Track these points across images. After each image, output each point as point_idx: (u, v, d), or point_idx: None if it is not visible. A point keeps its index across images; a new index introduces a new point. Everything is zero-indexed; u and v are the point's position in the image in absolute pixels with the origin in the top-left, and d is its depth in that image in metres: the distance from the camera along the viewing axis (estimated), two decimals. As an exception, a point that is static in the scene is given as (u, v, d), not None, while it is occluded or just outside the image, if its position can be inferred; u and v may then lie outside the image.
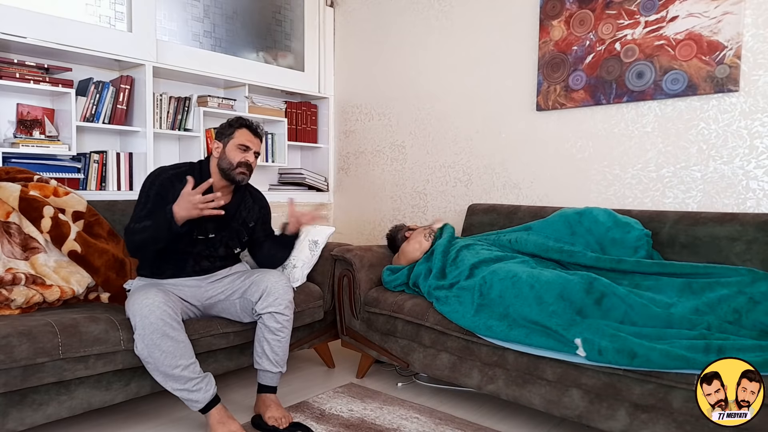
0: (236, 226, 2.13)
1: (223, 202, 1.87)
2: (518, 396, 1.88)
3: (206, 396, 1.77)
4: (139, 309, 1.72)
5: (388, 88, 3.38)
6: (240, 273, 2.13)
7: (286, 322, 1.97)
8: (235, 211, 2.13)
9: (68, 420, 1.93)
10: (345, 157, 3.68)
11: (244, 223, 2.16)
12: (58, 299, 1.93)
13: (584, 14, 2.50)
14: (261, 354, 1.96)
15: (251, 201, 2.22)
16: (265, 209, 2.28)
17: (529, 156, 2.75)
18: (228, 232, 2.11)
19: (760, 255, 1.87)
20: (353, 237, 3.59)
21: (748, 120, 2.12)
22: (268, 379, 1.99)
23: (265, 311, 1.94)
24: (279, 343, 1.96)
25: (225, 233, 2.10)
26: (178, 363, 1.71)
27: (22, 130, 2.43)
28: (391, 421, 1.98)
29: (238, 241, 2.15)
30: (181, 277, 2.03)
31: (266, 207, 2.29)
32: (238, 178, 2.05)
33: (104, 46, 2.62)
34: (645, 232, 2.03)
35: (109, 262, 2.17)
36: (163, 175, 2.02)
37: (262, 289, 1.96)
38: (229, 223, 2.10)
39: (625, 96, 2.39)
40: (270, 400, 1.97)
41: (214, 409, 1.79)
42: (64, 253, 2.11)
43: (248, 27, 3.39)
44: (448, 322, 2.02)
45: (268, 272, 2.04)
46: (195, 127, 3.01)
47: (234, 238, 2.13)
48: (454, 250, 2.26)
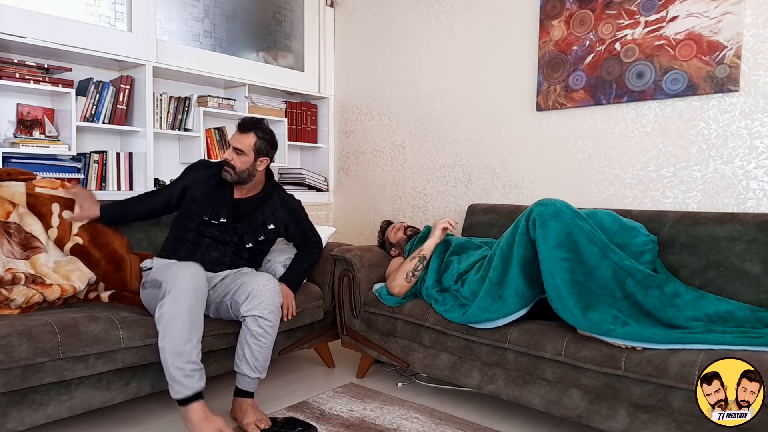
0: (253, 222, 2.18)
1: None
2: (518, 396, 1.88)
3: (196, 386, 1.73)
4: (181, 274, 1.76)
5: (389, 88, 3.38)
6: (237, 273, 2.12)
7: (270, 328, 1.92)
8: (252, 207, 2.19)
9: (68, 420, 1.93)
10: (345, 157, 3.68)
11: (263, 222, 2.19)
12: (58, 298, 1.93)
13: (584, 14, 2.50)
14: (241, 357, 1.92)
15: (278, 204, 2.26)
16: (294, 212, 2.30)
17: (529, 156, 2.75)
18: (243, 225, 2.16)
19: (760, 255, 1.87)
20: (353, 237, 3.59)
21: (748, 120, 2.12)
22: (246, 384, 1.93)
23: (249, 314, 1.89)
24: (260, 348, 1.91)
25: (240, 225, 2.16)
26: (192, 337, 1.72)
27: (22, 130, 2.43)
28: (391, 421, 1.98)
29: (253, 237, 2.17)
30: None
31: (295, 211, 2.32)
32: (222, 175, 2.16)
33: (104, 46, 2.62)
34: (651, 237, 2.02)
35: (110, 254, 2.19)
36: (197, 166, 2.30)
37: (249, 290, 1.92)
38: (246, 216, 2.17)
39: (625, 96, 2.39)
40: (247, 405, 1.92)
41: (197, 404, 1.73)
42: (67, 248, 2.13)
43: (248, 27, 3.39)
44: (448, 321, 2.02)
45: (258, 275, 1.99)
46: (195, 127, 3.01)
47: (249, 232, 2.17)
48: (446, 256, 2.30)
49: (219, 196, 2.16)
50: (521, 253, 1.85)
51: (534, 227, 1.83)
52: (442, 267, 2.24)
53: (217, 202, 2.14)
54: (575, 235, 1.78)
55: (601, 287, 1.75)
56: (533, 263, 1.83)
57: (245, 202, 2.19)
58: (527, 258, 1.84)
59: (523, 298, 1.84)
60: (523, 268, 1.84)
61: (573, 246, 1.77)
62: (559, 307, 1.74)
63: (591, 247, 1.78)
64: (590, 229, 1.82)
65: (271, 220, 2.22)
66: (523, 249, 1.85)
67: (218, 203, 2.14)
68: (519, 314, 1.85)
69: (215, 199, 2.16)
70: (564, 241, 1.76)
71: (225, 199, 2.16)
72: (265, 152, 2.16)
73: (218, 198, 2.16)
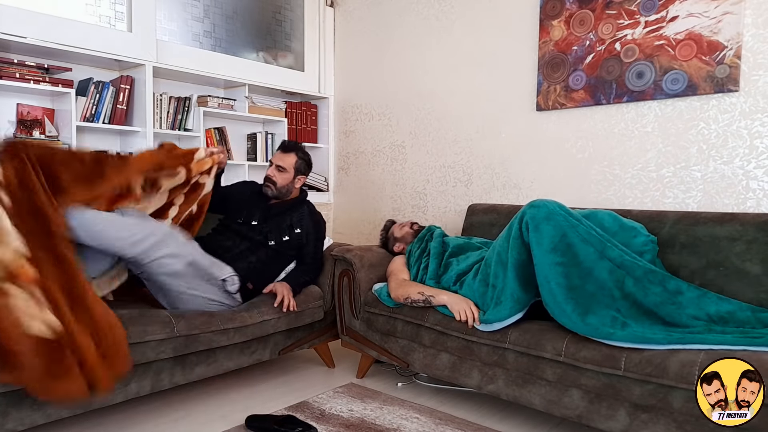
0: (280, 223, 2.37)
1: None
2: (518, 396, 1.88)
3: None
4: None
5: (389, 88, 3.38)
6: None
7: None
8: (281, 211, 2.41)
9: (68, 420, 1.93)
10: (345, 157, 3.68)
11: (290, 225, 2.39)
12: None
13: (584, 14, 2.50)
14: None
15: (306, 213, 2.46)
16: (318, 225, 2.48)
17: (529, 156, 2.75)
18: (270, 225, 2.36)
19: (760, 255, 1.87)
20: (353, 237, 3.59)
21: (748, 120, 2.12)
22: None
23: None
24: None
25: (267, 225, 2.35)
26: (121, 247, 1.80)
27: (22, 130, 2.43)
28: (391, 421, 1.98)
29: (278, 234, 2.34)
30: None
31: (319, 224, 2.49)
32: (263, 190, 2.44)
33: (104, 46, 2.62)
34: (651, 237, 2.01)
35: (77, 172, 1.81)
36: (238, 183, 2.62)
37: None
38: (275, 218, 2.38)
39: (625, 96, 2.39)
40: None
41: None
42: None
43: (248, 27, 3.39)
44: (448, 321, 2.02)
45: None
46: (195, 127, 3.02)
47: (275, 230, 2.35)
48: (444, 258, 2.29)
49: (255, 202, 2.43)
50: (515, 256, 1.84)
51: (527, 231, 1.81)
52: (440, 269, 2.24)
53: (252, 207, 2.39)
54: (569, 237, 1.76)
55: (599, 288, 1.74)
56: (528, 267, 1.82)
57: (276, 206, 2.43)
58: (522, 261, 1.83)
59: (519, 302, 1.83)
60: (518, 272, 1.83)
61: (567, 249, 1.75)
62: (556, 312, 1.73)
63: (587, 247, 1.77)
64: (585, 228, 1.80)
65: (298, 225, 2.41)
66: (517, 252, 1.84)
67: (253, 207, 2.39)
68: (515, 318, 1.85)
69: (251, 204, 2.41)
70: (558, 245, 1.75)
71: (260, 204, 2.42)
72: (303, 171, 2.47)
73: (254, 203, 2.42)
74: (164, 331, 1.85)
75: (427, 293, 2.09)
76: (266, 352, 2.28)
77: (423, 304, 2.10)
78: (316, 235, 2.48)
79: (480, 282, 1.99)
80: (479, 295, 1.98)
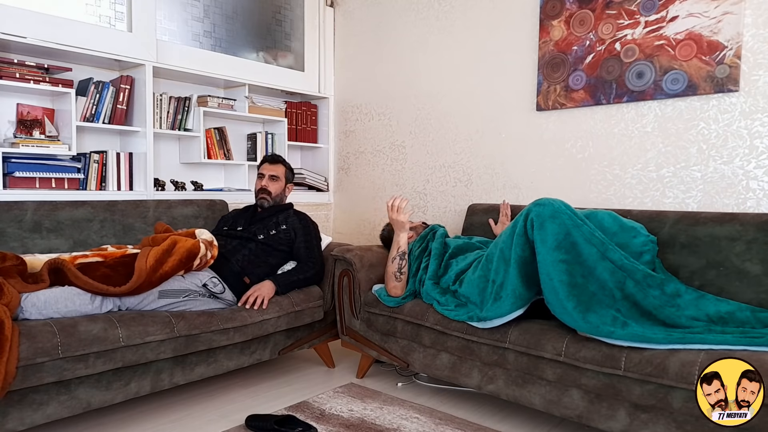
0: (267, 222, 2.50)
1: None
2: (518, 396, 1.88)
3: None
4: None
5: (388, 88, 3.38)
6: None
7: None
8: (267, 215, 2.55)
9: (68, 420, 1.93)
10: (345, 157, 3.68)
11: (276, 223, 2.50)
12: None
13: (584, 14, 2.50)
14: None
15: (292, 214, 2.58)
16: (304, 222, 2.55)
17: (529, 156, 2.74)
18: (257, 225, 2.49)
19: (760, 255, 1.87)
20: (353, 237, 3.59)
21: (748, 120, 2.12)
22: None
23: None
24: None
25: (254, 225, 2.49)
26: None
27: (22, 130, 2.43)
28: (391, 421, 1.98)
29: (265, 230, 2.46)
30: None
31: (305, 221, 2.56)
32: (259, 203, 2.60)
33: (104, 46, 2.62)
34: (651, 238, 2.01)
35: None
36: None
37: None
38: (261, 221, 2.52)
39: (625, 96, 2.39)
40: None
41: None
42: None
43: (248, 27, 3.39)
44: (448, 321, 2.02)
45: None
46: (195, 127, 3.02)
47: (261, 228, 2.47)
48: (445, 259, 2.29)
49: (240, 215, 2.61)
50: (519, 253, 1.85)
51: (532, 228, 1.82)
52: (440, 270, 2.24)
53: (238, 218, 2.59)
54: (573, 236, 1.77)
55: (600, 288, 1.74)
56: (531, 264, 1.82)
57: (261, 213, 2.58)
58: (525, 258, 1.84)
59: (521, 299, 1.83)
60: (520, 269, 1.84)
61: (571, 247, 1.76)
62: (557, 309, 1.73)
63: (589, 248, 1.77)
64: (588, 229, 1.81)
65: (284, 223, 2.51)
66: (521, 249, 1.84)
67: (239, 219, 2.58)
68: (515, 314, 1.85)
69: (237, 218, 2.60)
70: (562, 243, 1.76)
71: (245, 215, 2.59)
72: (291, 179, 2.71)
73: (239, 216, 2.60)
74: (164, 332, 1.85)
75: (396, 254, 2.24)
76: (266, 352, 2.28)
77: (404, 260, 2.25)
78: (304, 230, 2.52)
79: (480, 277, 1.99)
80: (479, 289, 1.98)
